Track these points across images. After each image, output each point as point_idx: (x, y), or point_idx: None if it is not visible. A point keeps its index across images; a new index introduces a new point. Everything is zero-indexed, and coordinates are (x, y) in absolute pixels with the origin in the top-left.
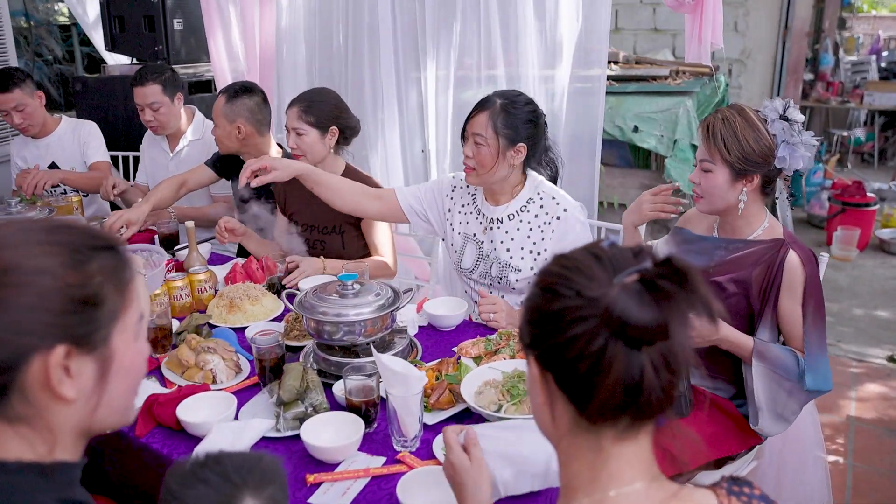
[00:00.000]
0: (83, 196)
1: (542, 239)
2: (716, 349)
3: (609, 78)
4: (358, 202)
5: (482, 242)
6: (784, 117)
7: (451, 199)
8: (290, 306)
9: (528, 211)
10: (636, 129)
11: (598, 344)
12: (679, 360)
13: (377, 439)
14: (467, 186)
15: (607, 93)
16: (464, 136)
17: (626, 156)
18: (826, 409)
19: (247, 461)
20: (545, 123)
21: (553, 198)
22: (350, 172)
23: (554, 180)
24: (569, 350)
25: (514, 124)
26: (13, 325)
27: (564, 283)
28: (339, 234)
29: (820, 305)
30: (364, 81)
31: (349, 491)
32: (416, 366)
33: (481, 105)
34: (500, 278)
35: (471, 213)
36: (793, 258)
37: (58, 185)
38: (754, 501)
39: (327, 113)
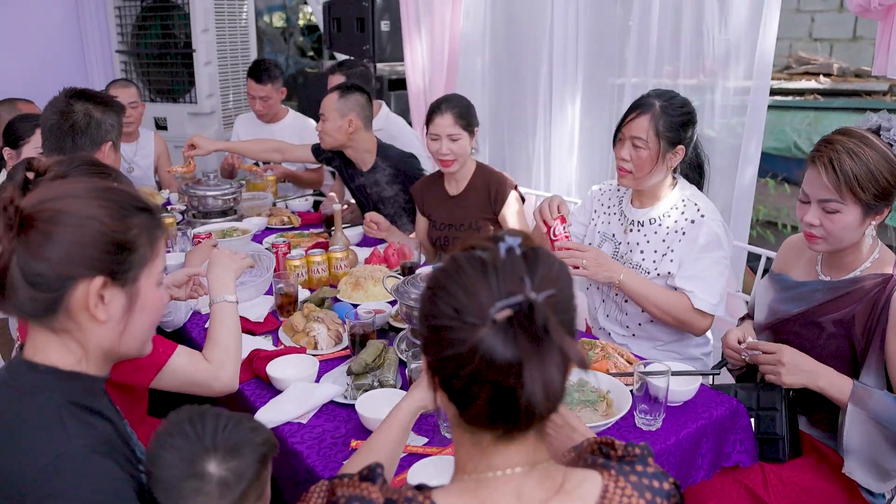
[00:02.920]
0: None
1: (675, 241)
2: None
3: (814, 92)
4: None
5: (620, 244)
6: None
7: (600, 201)
8: (388, 289)
9: (670, 216)
10: None
11: (468, 370)
12: (552, 383)
13: (431, 422)
14: (618, 189)
15: (807, 107)
16: (617, 139)
17: None
18: None
19: (227, 428)
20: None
21: (695, 203)
22: (481, 171)
23: (700, 179)
24: (445, 367)
25: (675, 126)
26: (66, 256)
27: (447, 297)
28: (476, 231)
29: None
30: (542, 87)
31: None
32: None
33: (639, 107)
34: None
35: (614, 213)
36: None
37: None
38: (645, 480)
39: (472, 115)
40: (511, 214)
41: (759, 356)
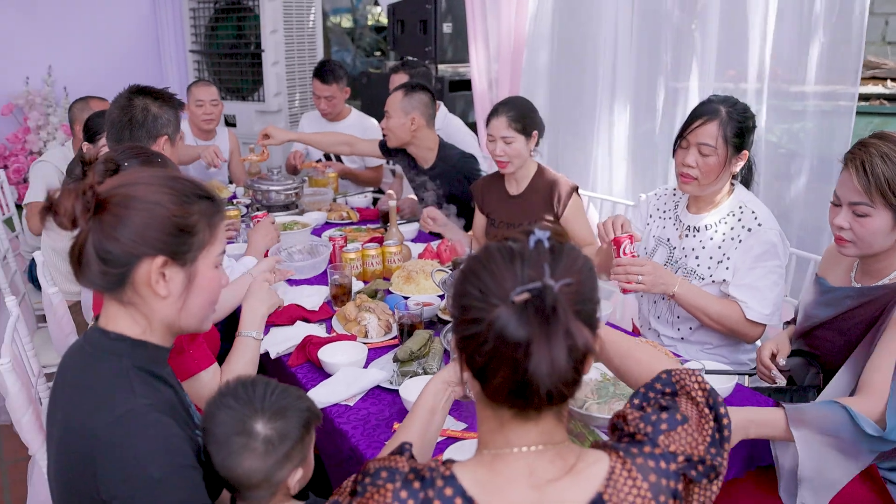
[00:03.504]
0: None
1: (731, 249)
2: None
3: (880, 97)
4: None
5: (674, 249)
6: None
7: (655, 205)
8: (436, 283)
9: (726, 223)
10: None
11: (488, 347)
12: (557, 362)
13: (472, 409)
14: (674, 194)
15: (872, 113)
16: (679, 145)
17: None
18: None
19: (275, 394)
20: None
21: (753, 212)
22: (542, 173)
23: (750, 177)
24: (469, 345)
25: (741, 132)
26: (133, 236)
27: (476, 280)
28: None
29: None
30: (601, 90)
31: None
32: None
33: (706, 114)
34: None
35: (669, 218)
36: None
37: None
38: (651, 462)
39: (529, 118)
40: (574, 217)
41: None
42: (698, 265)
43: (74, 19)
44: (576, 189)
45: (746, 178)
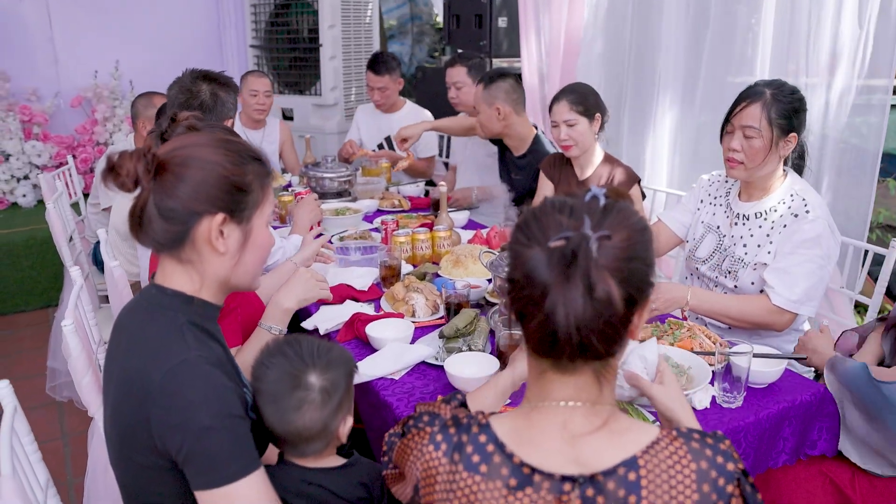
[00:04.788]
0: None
1: (776, 234)
2: None
3: None
4: None
5: (724, 237)
6: None
7: (707, 191)
8: (483, 264)
9: (776, 211)
10: None
11: (524, 292)
12: (573, 304)
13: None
14: (726, 181)
15: None
16: (725, 130)
17: None
18: None
19: (320, 348)
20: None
21: (804, 199)
22: (607, 161)
23: (801, 164)
24: (511, 289)
25: (787, 114)
26: (193, 194)
27: (526, 227)
28: None
29: None
30: (657, 84)
31: None
32: None
33: (749, 96)
34: (730, 271)
35: (720, 205)
36: None
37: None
38: (708, 451)
39: (592, 101)
40: None
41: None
42: (745, 254)
43: (141, 16)
44: (638, 182)
45: (798, 165)
